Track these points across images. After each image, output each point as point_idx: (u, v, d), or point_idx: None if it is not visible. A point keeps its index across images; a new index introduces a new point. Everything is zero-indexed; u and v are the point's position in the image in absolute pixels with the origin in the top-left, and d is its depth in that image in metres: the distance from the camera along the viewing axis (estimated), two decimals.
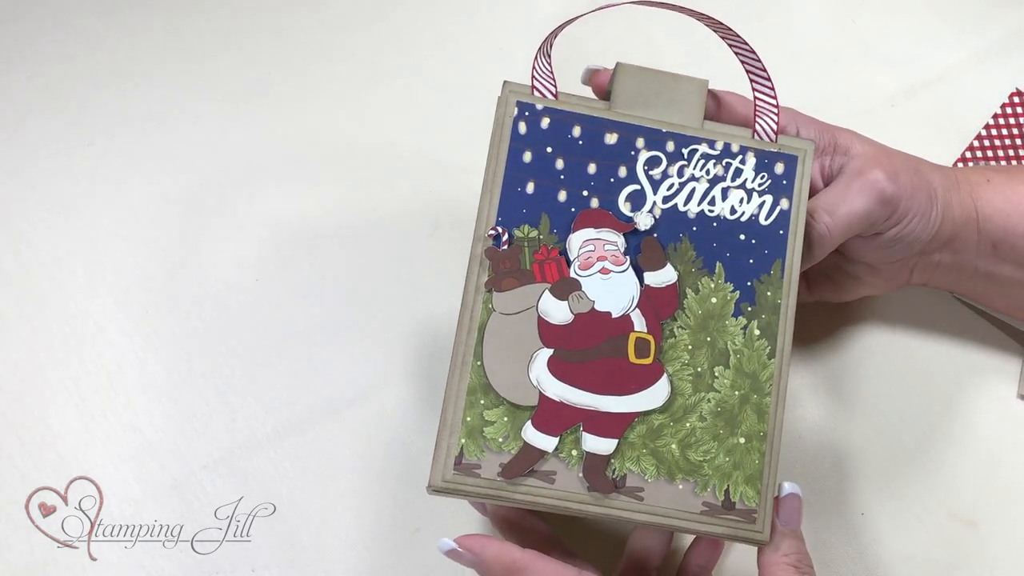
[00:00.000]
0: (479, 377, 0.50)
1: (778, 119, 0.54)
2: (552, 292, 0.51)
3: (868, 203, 0.55)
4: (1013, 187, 0.59)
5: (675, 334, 0.52)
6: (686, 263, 0.52)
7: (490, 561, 0.49)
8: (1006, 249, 0.59)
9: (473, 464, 0.50)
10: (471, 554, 0.49)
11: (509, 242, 0.51)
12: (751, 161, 0.53)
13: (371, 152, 0.68)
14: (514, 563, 0.49)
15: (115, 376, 0.61)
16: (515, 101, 0.52)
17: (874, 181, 0.55)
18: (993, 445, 0.64)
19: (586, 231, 0.52)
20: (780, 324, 0.52)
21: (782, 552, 0.51)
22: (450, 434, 0.50)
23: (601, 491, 0.50)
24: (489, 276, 0.51)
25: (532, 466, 0.50)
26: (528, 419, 0.50)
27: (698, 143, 0.53)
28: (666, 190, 0.53)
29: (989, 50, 0.74)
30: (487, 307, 0.51)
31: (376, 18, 0.73)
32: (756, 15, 0.75)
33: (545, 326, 0.51)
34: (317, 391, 0.62)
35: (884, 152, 0.57)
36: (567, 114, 0.53)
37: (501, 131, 0.52)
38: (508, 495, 0.49)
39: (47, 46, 0.69)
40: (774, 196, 0.53)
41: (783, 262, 0.53)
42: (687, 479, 0.51)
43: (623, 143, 0.53)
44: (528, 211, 0.52)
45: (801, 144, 0.54)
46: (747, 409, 0.51)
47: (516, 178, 0.52)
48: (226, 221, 0.66)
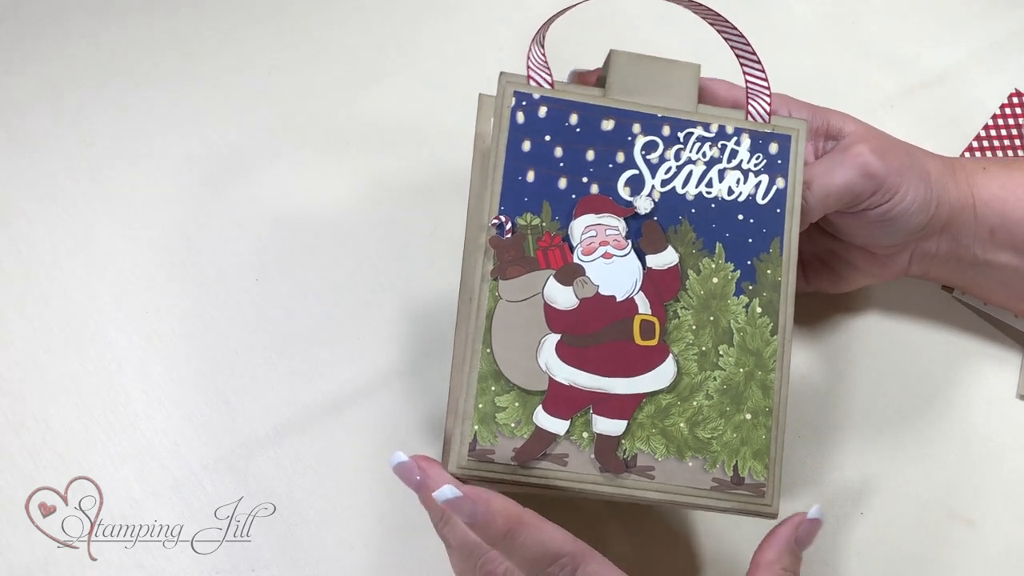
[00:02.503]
0: (489, 364, 0.51)
1: (770, 100, 0.55)
2: (557, 278, 0.52)
3: (849, 176, 0.55)
4: (1009, 174, 0.60)
5: (679, 315, 0.52)
6: (686, 245, 0.53)
7: (495, 512, 0.47)
8: (1003, 235, 0.59)
9: (487, 450, 0.50)
10: (476, 504, 0.47)
11: (512, 230, 0.52)
12: (746, 142, 0.54)
13: (371, 151, 0.68)
14: (520, 517, 0.48)
15: (115, 376, 0.61)
16: (512, 91, 0.53)
17: (857, 154, 0.56)
18: (993, 445, 0.64)
19: (587, 217, 0.53)
20: (781, 301, 0.53)
21: (782, 564, 0.51)
22: (463, 422, 0.50)
23: (613, 471, 0.51)
24: (494, 265, 0.52)
25: (545, 450, 0.51)
26: (539, 404, 0.51)
27: (693, 126, 0.54)
28: (664, 173, 0.53)
29: (989, 50, 0.74)
30: (494, 295, 0.51)
31: (376, 17, 0.73)
32: (756, 15, 0.75)
33: (551, 312, 0.52)
34: (317, 391, 0.62)
35: (875, 132, 0.58)
36: (564, 102, 0.53)
37: (500, 121, 0.53)
38: (523, 479, 0.50)
39: (47, 46, 0.69)
40: (770, 175, 0.54)
41: (781, 240, 0.54)
42: (696, 456, 0.52)
43: (620, 129, 0.53)
44: (530, 199, 0.52)
45: (794, 124, 0.55)
46: (752, 386, 0.52)
47: (516, 167, 0.53)
48: (226, 221, 0.66)
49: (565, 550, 0.48)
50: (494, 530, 0.47)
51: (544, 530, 0.48)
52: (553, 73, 0.54)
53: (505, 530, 0.47)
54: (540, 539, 0.47)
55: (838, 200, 0.56)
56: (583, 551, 0.48)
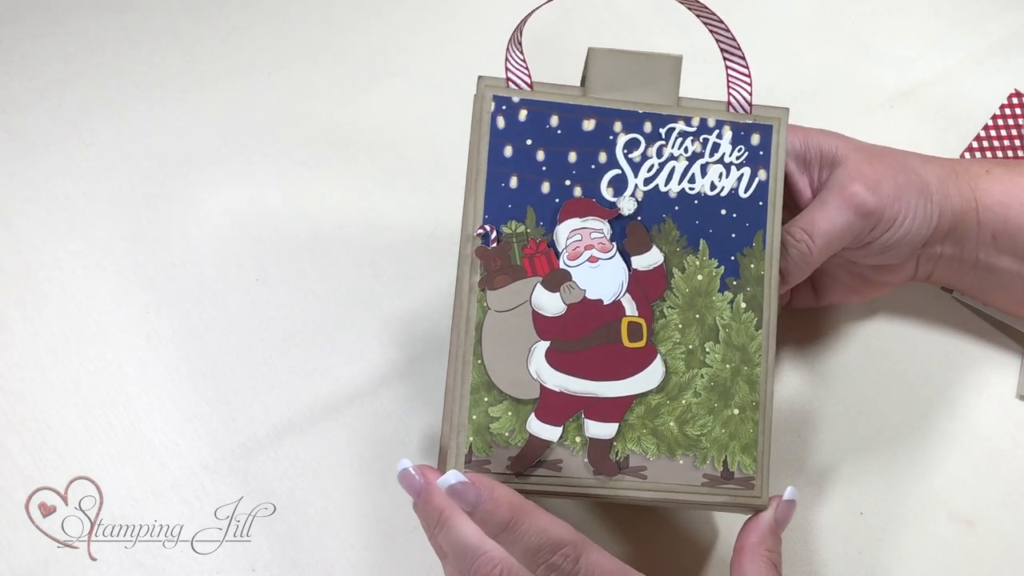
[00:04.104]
0: (480, 375, 0.51)
1: (751, 89, 0.54)
2: (544, 285, 0.52)
3: (847, 219, 0.55)
4: (1012, 178, 0.59)
5: (665, 314, 0.53)
6: (671, 243, 0.53)
7: (500, 499, 0.48)
8: (1005, 240, 0.59)
9: (483, 460, 0.51)
10: (480, 491, 0.48)
11: (497, 239, 0.52)
12: (727, 135, 0.54)
13: (371, 152, 0.69)
14: (522, 506, 0.48)
15: (115, 376, 0.61)
16: (492, 95, 0.53)
17: (852, 195, 0.56)
18: (992, 445, 0.64)
19: (572, 221, 0.53)
20: (765, 295, 0.53)
21: (766, 546, 0.51)
22: (458, 434, 0.50)
23: (606, 474, 0.51)
24: (481, 275, 0.52)
25: (539, 457, 0.51)
26: (531, 412, 0.51)
27: (675, 121, 0.54)
28: (647, 172, 0.53)
29: (988, 51, 0.74)
30: (482, 306, 0.51)
31: (376, 18, 0.73)
32: (755, 15, 0.75)
33: (540, 319, 0.52)
34: (317, 391, 0.62)
35: (867, 159, 0.57)
36: (544, 104, 0.53)
37: (480, 127, 0.53)
38: (519, 487, 0.50)
39: (47, 46, 0.69)
40: (752, 168, 0.54)
41: (764, 233, 0.54)
42: (687, 454, 0.52)
43: (601, 128, 0.53)
44: (513, 206, 0.52)
45: (775, 112, 0.55)
46: (739, 381, 0.53)
47: (499, 173, 0.52)
48: (226, 221, 0.66)
49: (567, 539, 0.48)
50: (498, 518, 0.48)
51: (546, 519, 0.48)
52: (538, 69, 0.53)
53: (508, 518, 0.48)
54: (543, 527, 0.48)
55: (840, 244, 0.56)
56: (584, 541, 0.48)
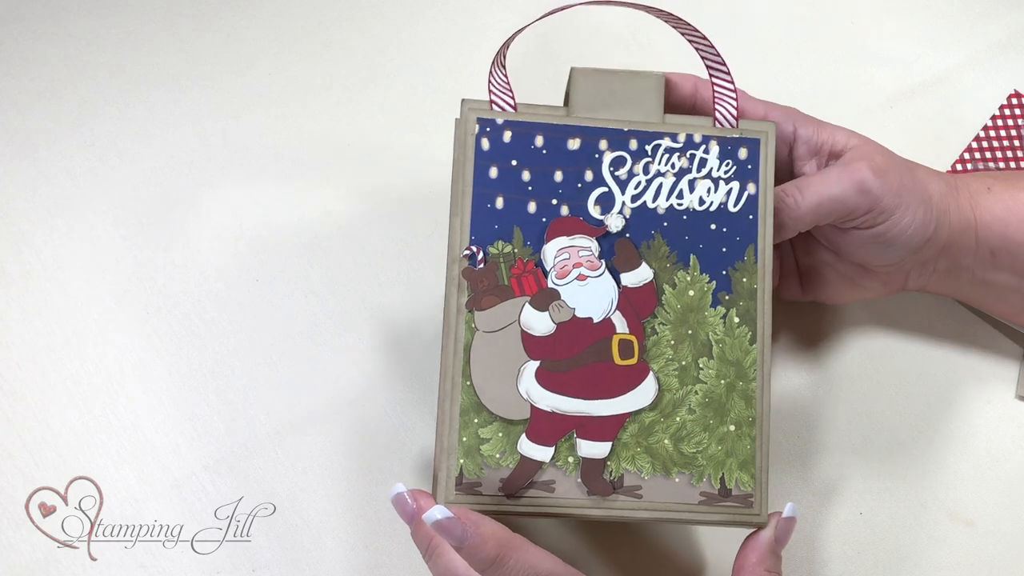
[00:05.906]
0: (470, 397, 0.51)
1: (737, 104, 0.54)
2: (532, 304, 0.51)
3: (844, 188, 0.55)
4: (1013, 195, 0.59)
5: (657, 331, 0.52)
6: (660, 259, 0.53)
7: (486, 535, 0.47)
8: (1004, 256, 0.59)
9: (474, 483, 0.50)
10: (466, 527, 0.47)
11: (484, 260, 0.51)
12: (714, 150, 0.53)
13: (371, 152, 0.68)
14: (510, 541, 0.47)
15: (115, 376, 0.61)
16: (475, 118, 0.52)
17: (855, 170, 0.55)
18: (992, 445, 0.64)
19: (559, 239, 0.52)
20: (758, 309, 0.53)
21: (765, 566, 0.51)
22: (448, 456, 0.50)
23: (600, 494, 0.50)
24: (468, 296, 0.51)
25: (531, 478, 0.50)
26: (522, 432, 0.51)
27: (660, 138, 0.53)
28: (634, 189, 0.53)
29: (987, 52, 0.74)
30: (470, 327, 0.51)
31: (376, 19, 0.73)
32: (755, 16, 0.75)
33: (529, 339, 0.51)
34: (317, 391, 0.62)
35: (879, 151, 0.57)
36: (528, 125, 0.53)
37: (464, 150, 0.52)
38: (511, 509, 0.50)
39: (47, 46, 0.69)
40: (740, 182, 0.53)
41: (755, 247, 0.53)
42: (683, 472, 0.51)
43: (586, 147, 0.53)
44: (500, 226, 0.52)
45: (762, 126, 0.54)
46: (734, 396, 0.52)
47: (485, 195, 0.52)
48: (227, 221, 0.66)
49: (557, 574, 0.47)
50: (484, 553, 0.47)
51: (534, 554, 0.48)
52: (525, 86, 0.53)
53: (495, 555, 0.47)
54: (531, 563, 0.47)
55: (830, 211, 0.55)
56: (575, 574, 0.48)
